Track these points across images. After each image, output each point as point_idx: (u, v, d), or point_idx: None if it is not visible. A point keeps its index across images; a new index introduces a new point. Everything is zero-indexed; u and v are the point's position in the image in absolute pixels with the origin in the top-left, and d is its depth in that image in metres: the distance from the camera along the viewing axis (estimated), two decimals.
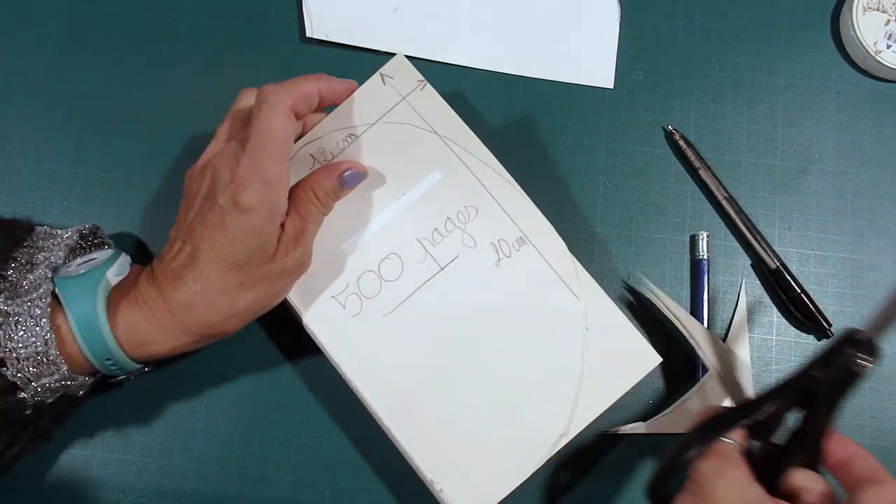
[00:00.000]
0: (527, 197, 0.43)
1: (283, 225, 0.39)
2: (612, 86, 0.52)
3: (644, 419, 0.46)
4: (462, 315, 0.42)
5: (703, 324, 0.47)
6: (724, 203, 0.49)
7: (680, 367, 0.47)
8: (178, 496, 0.45)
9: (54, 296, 0.37)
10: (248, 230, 0.36)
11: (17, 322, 0.35)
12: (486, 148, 0.43)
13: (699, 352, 0.45)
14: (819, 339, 0.48)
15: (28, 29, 0.52)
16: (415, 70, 0.44)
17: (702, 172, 0.50)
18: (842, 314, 0.48)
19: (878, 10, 0.51)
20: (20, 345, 0.35)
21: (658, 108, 0.52)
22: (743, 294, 0.48)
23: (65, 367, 0.36)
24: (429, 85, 0.44)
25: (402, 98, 0.44)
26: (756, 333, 0.48)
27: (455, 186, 0.43)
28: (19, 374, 0.35)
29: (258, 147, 0.37)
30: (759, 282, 0.49)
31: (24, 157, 0.49)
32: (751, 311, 0.48)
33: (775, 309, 0.49)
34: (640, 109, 0.52)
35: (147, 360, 0.39)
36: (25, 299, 0.36)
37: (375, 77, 0.44)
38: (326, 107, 0.43)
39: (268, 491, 0.45)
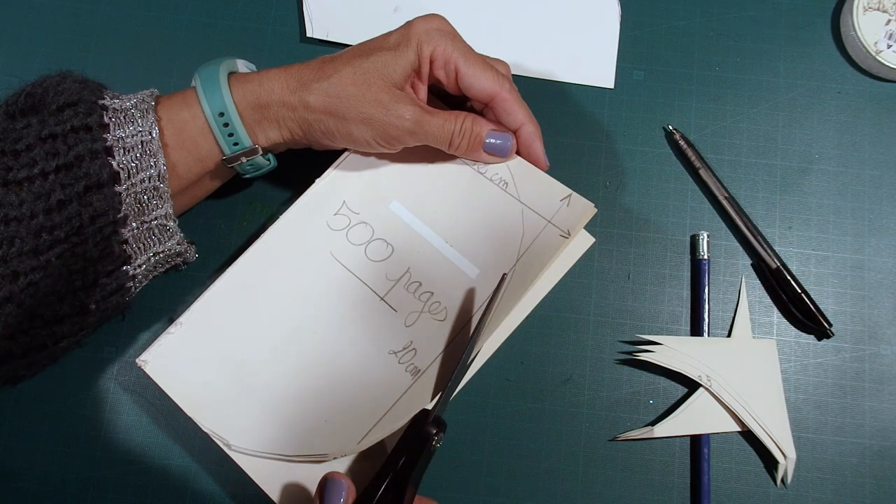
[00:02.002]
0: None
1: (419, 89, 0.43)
2: (612, 86, 0.52)
3: (646, 420, 0.46)
4: (332, 323, 0.43)
5: (704, 325, 0.47)
6: (725, 203, 0.49)
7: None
8: (178, 496, 0.45)
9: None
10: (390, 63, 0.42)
11: (125, 115, 0.39)
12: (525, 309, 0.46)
13: None
14: (819, 339, 0.48)
15: (28, 29, 0.52)
16: (583, 228, 0.45)
17: (702, 172, 0.50)
18: (842, 314, 0.48)
19: (878, 10, 0.51)
20: (128, 135, 0.39)
21: (658, 108, 0.52)
22: (744, 294, 0.48)
23: (162, 162, 0.40)
24: (571, 239, 0.44)
25: (548, 221, 0.44)
26: (756, 333, 0.48)
27: (470, 291, 0.44)
28: (122, 165, 0.39)
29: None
30: (759, 282, 0.49)
31: None
32: (751, 312, 0.48)
33: (776, 309, 0.49)
34: (640, 109, 0.52)
35: (256, 129, 0.42)
36: (134, 98, 0.40)
37: (565, 189, 0.45)
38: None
39: None
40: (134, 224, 0.40)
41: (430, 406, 0.40)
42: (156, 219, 0.41)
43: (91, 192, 0.38)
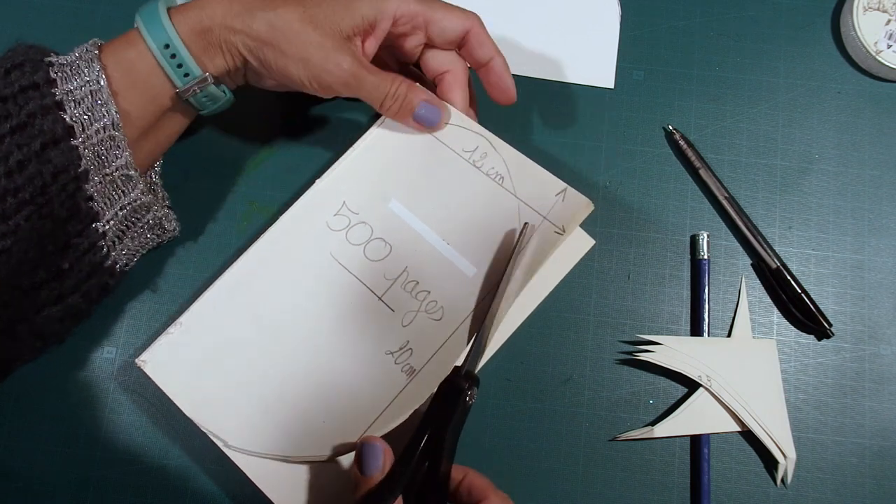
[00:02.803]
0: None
1: (365, 47, 0.43)
2: (612, 86, 0.52)
3: (646, 420, 0.46)
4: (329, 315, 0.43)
5: (704, 325, 0.47)
6: (725, 203, 0.49)
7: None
8: (178, 496, 0.45)
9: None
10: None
11: (71, 68, 0.39)
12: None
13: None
14: (819, 339, 0.48)
15: (28, 29, 0.52)
16: (583, 230, 0.45)
17: (702, 172, 0.50)
18: (842, 314, 0.48)
19: (878, 10, 0.51)
20: (76, 87, 0.38)
21: (658, 108, 0.52)
22: (744, 294, 0.48)
23: (114, 110, 0.39)
24: (566, 235, 0.43)
25: (543, 217, 0.44)
26: (756, 333, 0.48)
27: (467, 288, 0.43)
28: (75, 118, 0.38)
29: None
30: (759, 282, 0.49)
31: None
32: (751, 312, 0.48)
33: (775, 309, 0.49)
34: (640, 109, 0.52)
35: (203, 57, 0.41)
36: (77, 51, 0.40)
37: (560, 183, 0.44)
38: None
39: None
40: (96, 178, 0.40)
41: (459, 363, 0.40)
42: (117, 169, 0.41)
43: (48, 149, 0.38)
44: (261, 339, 0.43)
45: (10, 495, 0.45)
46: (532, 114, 0.51)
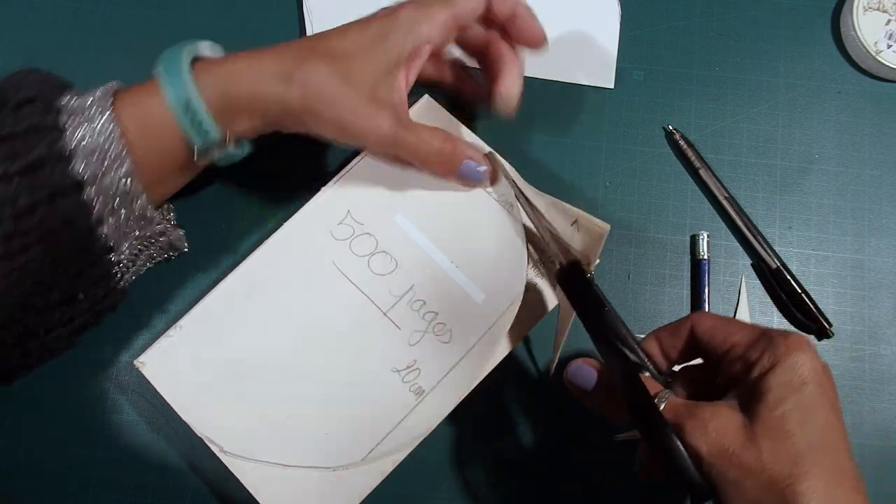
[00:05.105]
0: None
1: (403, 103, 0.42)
2: (612, 86, 0.52)
3: None
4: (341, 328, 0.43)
5: None
6: (725, 203, 0.49)
7: None
8: (178, 496, 0.45)
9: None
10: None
11: (83, 114, 0.37)
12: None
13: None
14: (819, 339, 0.48)
15: (28, 29, 0.52)
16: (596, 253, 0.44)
17: (702, 172, 0.50)
18: (842, 314, 0.48)
19: (878, 10, 0.51)
20: (88, 136, 0.37)
21: (658, 108, 0.52)
22: (744, 294, 0.48)
23: (129, 162, 0.37)
24: (592, 266, 0.42)
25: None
26: None
27: (476, 314, 0.43)
28: (86, 170, 0.37)
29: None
30: (759, 282, 0.49)
31: None
32: (751, 312, 0.48)
33: (775, 309, 0.49)
34: (640, 109, 0.52)
35: (224, 113, 0.39)
36: (89, 97, 0.38)
37: (574, 213, 0.44)
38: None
39: None
40: (111, 220, 0.39)
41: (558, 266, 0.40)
42: (132, 213, 0.40)
43: (58, 198, 0.36)
44: (261, 346, 0.43)
45: (11, 495, 0.45)
46: (532, 114, 0.51)
